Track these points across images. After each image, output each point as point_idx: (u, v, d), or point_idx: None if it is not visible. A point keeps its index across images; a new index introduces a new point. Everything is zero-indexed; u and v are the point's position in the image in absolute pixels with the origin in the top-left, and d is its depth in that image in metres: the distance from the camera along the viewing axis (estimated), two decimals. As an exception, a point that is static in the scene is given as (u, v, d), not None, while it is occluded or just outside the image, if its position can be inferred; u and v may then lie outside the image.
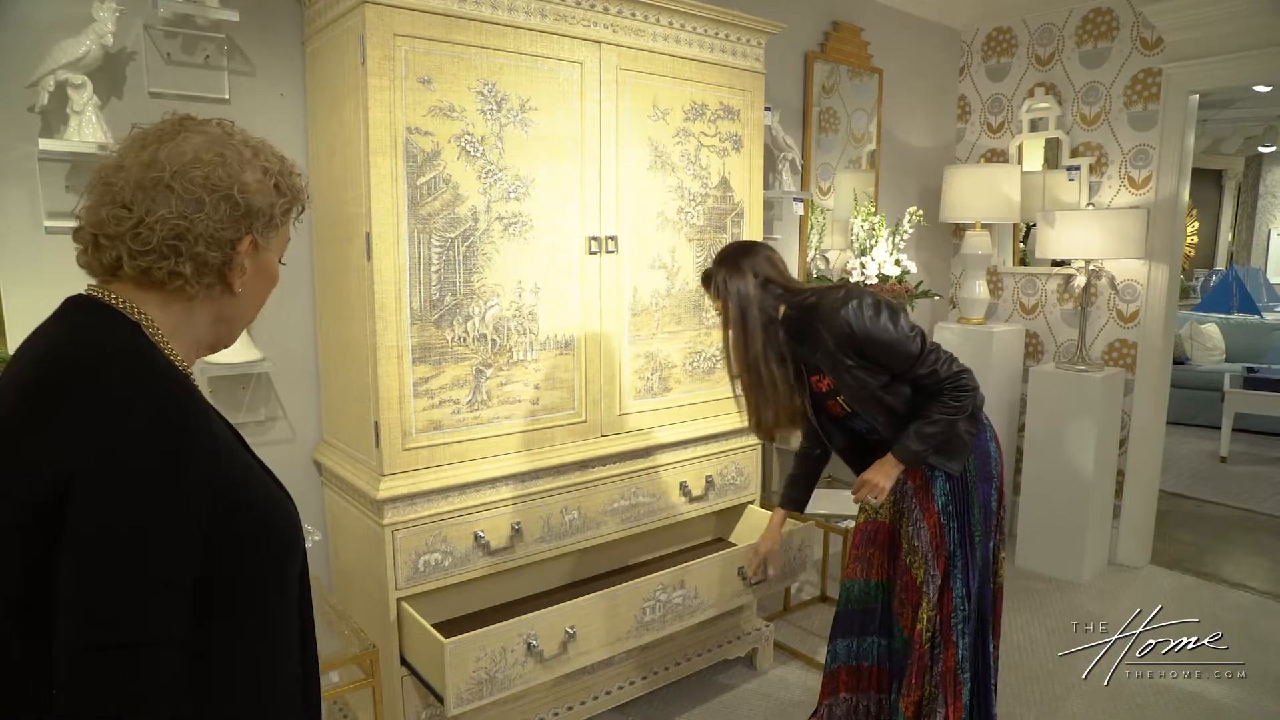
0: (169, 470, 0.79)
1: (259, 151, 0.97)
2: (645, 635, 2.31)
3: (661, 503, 2.58)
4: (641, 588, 2.28)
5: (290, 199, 0.99)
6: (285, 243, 1.02)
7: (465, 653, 1.96)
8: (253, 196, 0.93)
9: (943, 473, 2.04)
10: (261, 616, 0.94)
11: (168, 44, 2.07)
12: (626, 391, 2.48)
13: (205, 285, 0.92)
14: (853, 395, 1.99)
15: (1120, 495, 3.87)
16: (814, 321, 1.94)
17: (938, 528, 2.05)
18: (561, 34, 2.20)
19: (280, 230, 0.99)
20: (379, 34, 1.91)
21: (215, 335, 0.99)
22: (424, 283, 2.05)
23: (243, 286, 0.96)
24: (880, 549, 2.16)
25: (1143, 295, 3.73)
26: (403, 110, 1.97)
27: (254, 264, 0.96)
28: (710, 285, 2.04)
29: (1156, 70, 3.59)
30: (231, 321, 1.00)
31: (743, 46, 2.63)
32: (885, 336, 1.89)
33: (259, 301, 1.01)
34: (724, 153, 2.63)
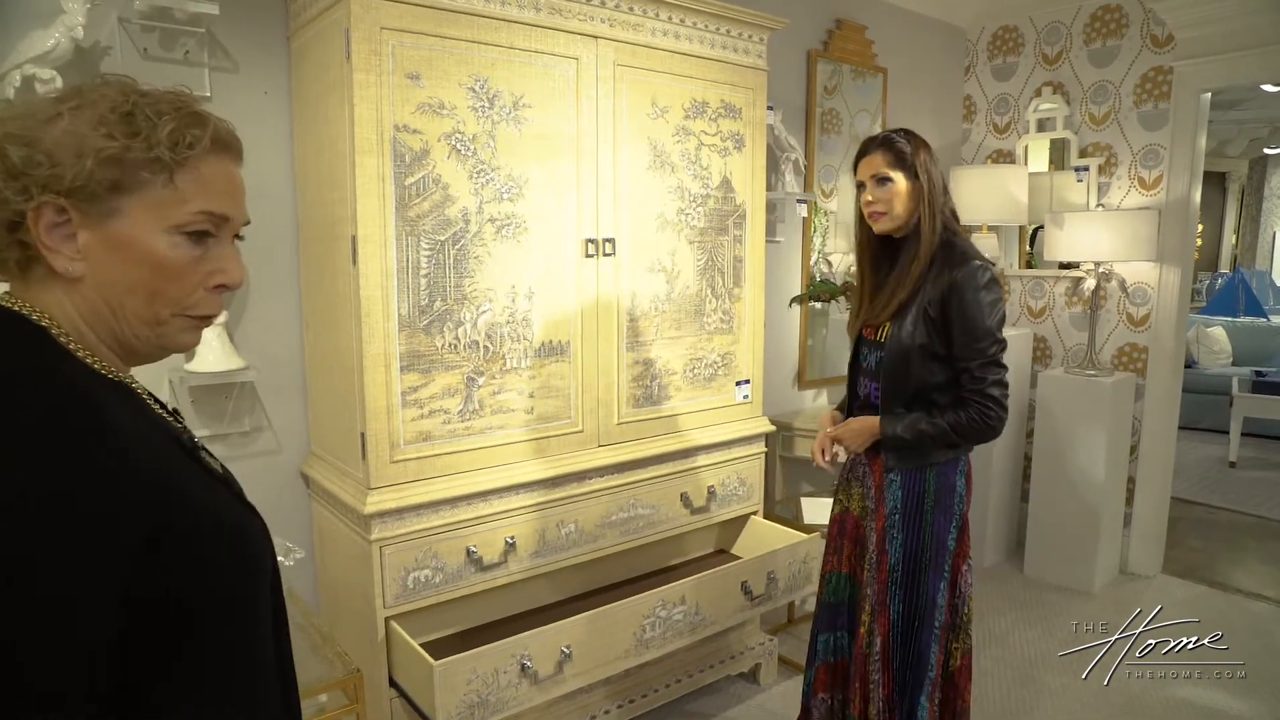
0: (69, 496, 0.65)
1: (101, 97, 0.75)
2: (645, 654, 2.22)
3: (661, 514, 2.49)
4: (640, 604, 2.19)
5: (146, 148, 0.74)
6: (184, 212, 0.77)
7: (456, 675, 1.87)
8: (45, 151, 0.72)
9: (900, 479, 1.94)
10: (229, 652, 0.80)
11: (144, 38, 1.99)
12: (625, 400, 2.39)
13: (12, 264, 0.76)
14: (895, 334, 1.90)
15: (1131, 503, 3.77)
16: (941, 254, 1.88)
17: (882, 534, 1.97)
18: (556, 28, 2.12)
19: (146, 192, 0.75)
20: (365, 27, 1.82)
21: (131, 336, 0.79)
22: (412, 287, 1.96)
23: (79, 266, 0.75)
24: (850, 540, 2.09)
25: (1154, 298, 3.64)
26: (390, 107, 1.88)
27: (97, 236, 0.75)
28: (892, 153, 1.90)
29: (1167, 68, 3.50)
30: (124, 319, 0.78)
31: (744, 43, 2.54)
32: (974, 311, 1.82)
33: (134, 286, 0.77)
34: (725, 152, 2.54)
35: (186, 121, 0.77)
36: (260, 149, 2.18)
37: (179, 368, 2.07)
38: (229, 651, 0.80)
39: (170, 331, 0.81)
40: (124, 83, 0.78)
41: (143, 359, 0.84)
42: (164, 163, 0.75)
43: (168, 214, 0.76)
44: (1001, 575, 3.80)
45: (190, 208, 0.77)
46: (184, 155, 0.76)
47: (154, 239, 0.76)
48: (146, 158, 0.74)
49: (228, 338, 2.11)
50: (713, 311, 2.56)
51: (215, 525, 0.78)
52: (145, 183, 0.75)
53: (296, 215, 2.24)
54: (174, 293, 0.79)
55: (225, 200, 0.80)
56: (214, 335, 2.07)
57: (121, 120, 0.74)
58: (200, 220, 0.78)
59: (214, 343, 2.06)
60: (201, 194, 0.78)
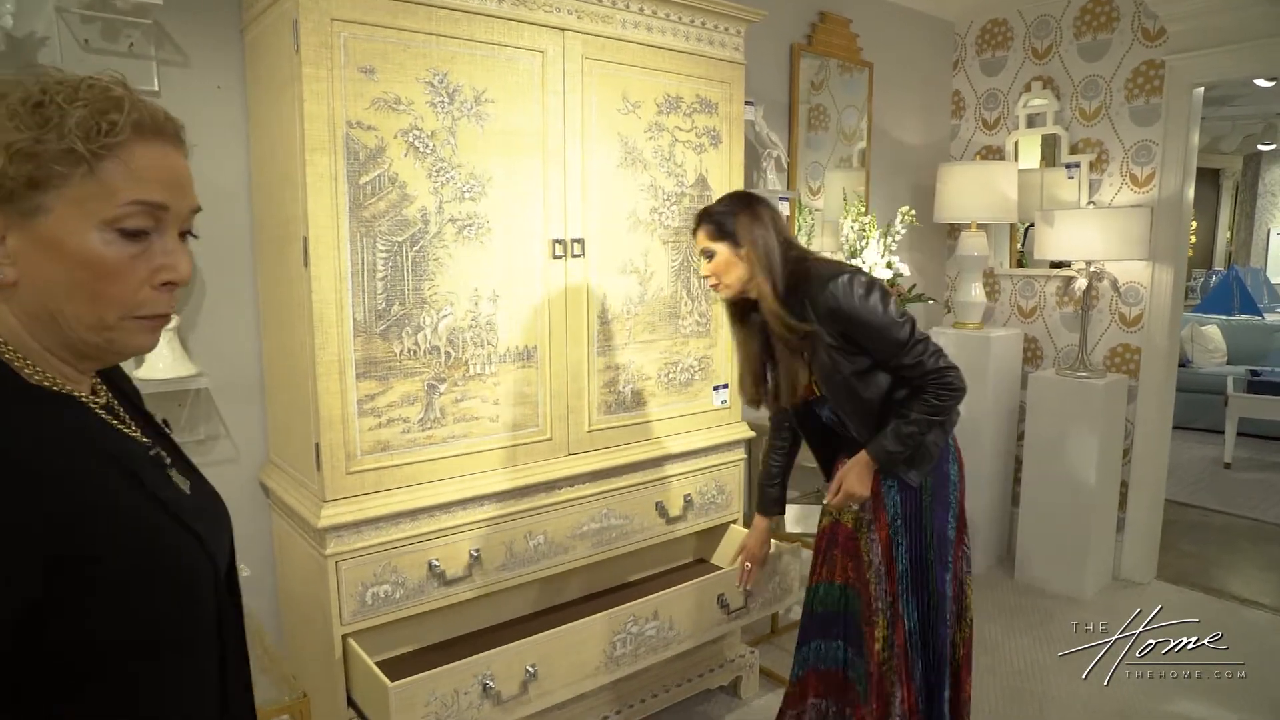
0: None
1: (12, 88, 0.71)
2: (616, 671, 2.14)
3: (636, 524, 2.41)
4: (610, 620, 2.10)
5: (57, 138, 0.69)
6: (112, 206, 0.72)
7: (413, 696, 1.79)
8: None
9: (897, 484, 1.92)
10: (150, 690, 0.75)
11: (85, 29, 1.89)
12: (596, 406, 2.30)
13: None
14: (824, 377, 1.88)
15: (1124, 507, 3.70)
16: (801, 290, 1.84)
17: (887, 543, 1.94)
18: (520, 20, 2.03)
19: (66, 188, 0.70)
20: (314, 18, 1.74)
21: (78, 341, 0.75)
22: (368, 291, 1.87)
23: (11, 272, 0.71)
24: (844, 553, 2.03)
25: (1146, 298, 3.56)
26: (342, 102, 1.79)
27: (24, 238, 0.71)
28: (713, 224, 1.87)
29: (1159, 62, 3.42)
30: (68, 325, 0.73)
31: (720, 35, 2.46)
32: (872, 317, 1.80)
33: (70, 288, 0.73)
34: (701, 149, 2.45)
35: (100, 108, 0.71)
36: (214, 146, 2.09)
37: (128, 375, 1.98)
38: (150, 689, 0.75)
39: (120, 336, 0.76)
40: (43, 72, 0.72)
41: (99, 364, 0.81)
42: (78, 154, 0.70)
43: (95, 209, 0.71)
44: (991, 581, 3.72)
45: (119, 200, 0.72)
46: (100, 144, 0.70)
47: (84, 237, 0.71)
48: (59, 149, 0.69)
49: (179, 343, 2.02)
50: (688, 314, 2.47)
51: (135, 560, 0.72)
52: (63, 176, 0.70)
53: (252, 215, 2.15)
54: (116, 293, 0.73)
55: (160, 189, 0.74)
56: (164, 341, 1.98)
57: (31, 111, 0.69)
58: (133, 213, 0.73)
59: (164, 349, 1.97)
60: (131, 185, 0.72)
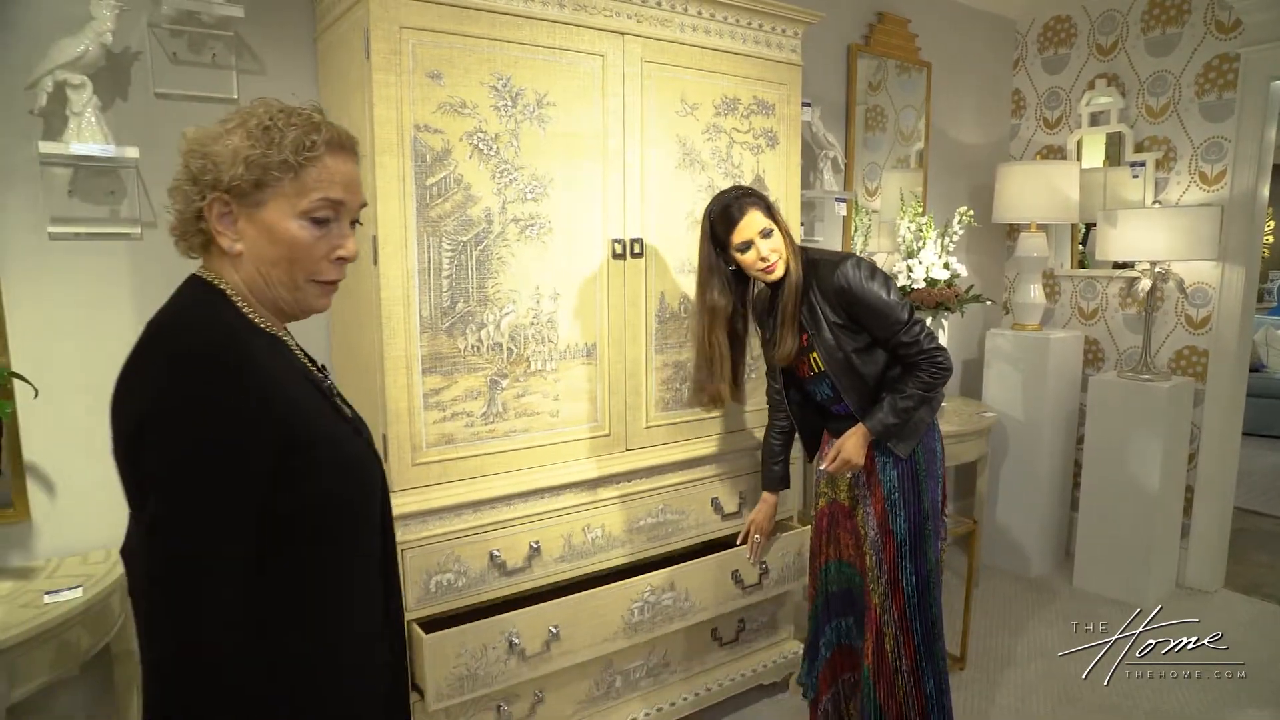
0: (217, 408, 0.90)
1: (252, 116, 0.99)
2: (635, 637, 2.27)
3: (691, 520, 2.44)
4: (629, 589, 2.23)
5: (277, 152, 0.97)
6: (308, 200, 0.99)
7: (445, 648, 1.95)
8: (211, 161, 0.97)
9: (891, 460, 2.05)
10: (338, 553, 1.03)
11: (173, 43, 2.01)
12: (654, 403, 2.34)
13: (195, 245, 1.02)
14: (828, 353, 2.01)
15: (1189, 513, 3.60)
16: (809, 273, 2.01)
17: (883, 516, 2.06)
18: (581, 25, 2.08)
19: (279, 187, 0.98)
20: (384, 26, 1.81)
21: (278, 299, 1.03)
22: (434, 288, 1.94)
23: (239, 245, 1.00)
24: (846, 531, 2.18)
25: (1215, 299, 3.46)
26: (410, 107, 1.86)
27: (250, 223, 0.99)
28: (764, 205, 2.00)
29: (1233, 55, 3.32)
30: (272, 285, 1.02)
31: (777, 37, 2.48)
32: (876, 299, 1.95)
33: (276, 259, 1.00)
34: (758, 150, 2.47)
35: (307, 130, 0.99)
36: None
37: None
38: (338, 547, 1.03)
39: (306, 296, 1.04)
40: (270, 103, 1.01)
41: (291, 317, 1.08)
42: (290, 163, 0.98)
43: (296, 203, 0.99)
44: (1050, 586, 3.66)
45: (312, 197, 0.99)
46: (304, 157, 0.98)
47: (288, 223, 0.99)
48: (279, 160, 0.97)
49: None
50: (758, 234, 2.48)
51: (333, 448, 1.02)
52: (278, 179, 0.98)
53: (324, 217, 2.24)
54: (305, 264, 1.01)
55: (339, 189, 1.02)
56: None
57: (262, 133, 0.97)
58: (321, 206, 1.00)
59: (241, 344, 2.07)
60: (320, 186, 1.00)
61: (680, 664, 2.48)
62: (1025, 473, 3.74)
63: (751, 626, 2.62)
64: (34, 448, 1.95)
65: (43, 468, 1.97)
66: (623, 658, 2.34)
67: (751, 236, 1.97)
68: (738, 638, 2.59)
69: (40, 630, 1.64)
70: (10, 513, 1.92)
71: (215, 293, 1.01)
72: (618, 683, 2.35)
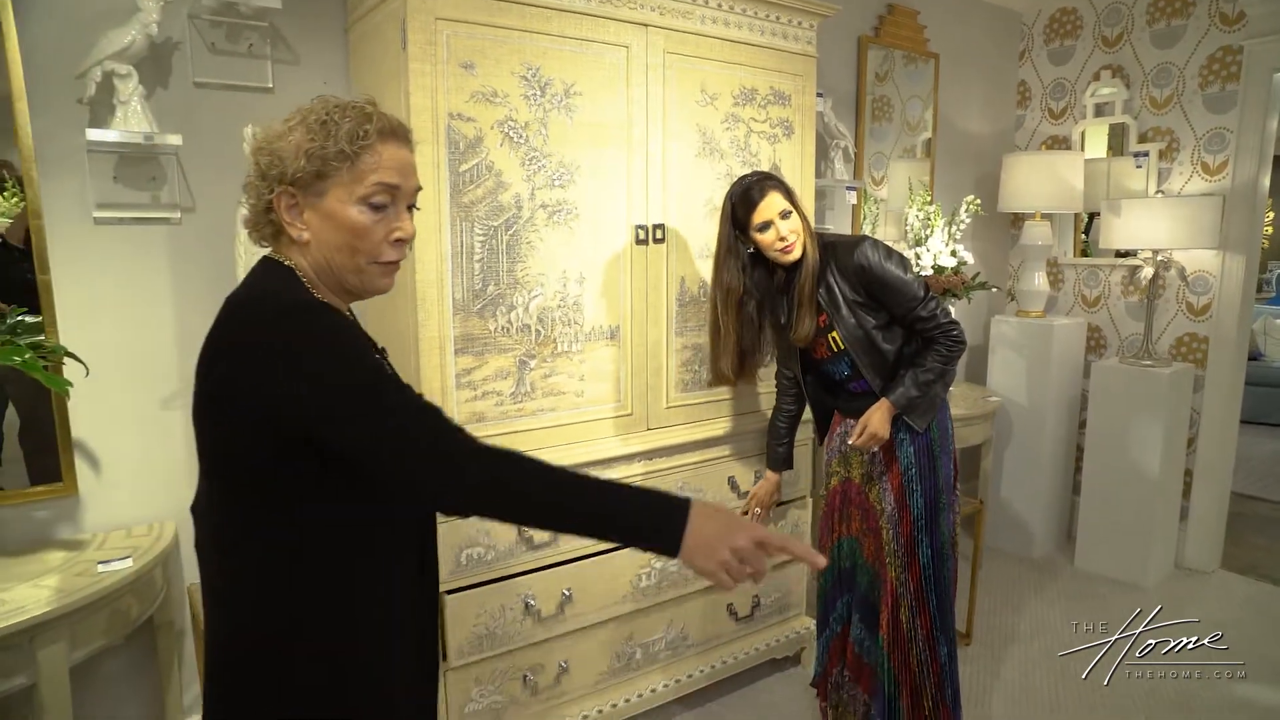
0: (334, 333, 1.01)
1: (311, 113, 1.05)
2: (642, 601, 2.41)
3: (709, 497, 2.50)
4: (637, 555, 2.31)
5: (334, 144, 1.03)
6: (364, 187, 1.04)
7: (465, 608, 2.07)
8: (277, 157, 1.04)
9: (909, 436, 2.13)
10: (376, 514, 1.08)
11: (212, 33, 2.07)
12: (674, 384, 2.42)
13: (266, 235, 1.10)
14: (848, 333, 2.09)
15: (1188, 496, 3.68)
16: (826, 255, 2.09)
17: (900, 491, 2.14)
18: (607, 17, 2.14)
19: (338, 176, 1.04)
20: (420, 18, 1.87)
21: (343, 282, 1.10)
22: (466, 272, 2.01)
23: (306, 233, 1.07)
24: (858, 508, 2.25)
25: (1215, 287, 3.54)
26: (444, 96, 1.93)
27: (314, 212, 1.06)
28: (784, 188, 2.07)
29: (1237, 48, 3.39)
30: (331, 268, 1.08)
31: (794, 29, 2.54)
32: (894, 277, 2.05)
33: (339, 244, 1.06)
34: (774, 139, 2.54)
35: (359, 120, 1.04)
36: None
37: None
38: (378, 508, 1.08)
39: (370, 277, 1.10)
40: (327, 100, 1.08)
41: (357, 297, 1.14)
42: (346, 153, 1.03)
43: (354, 190, 1.05)
44: (1052, 567, 3.75)
45: (369, 182, 1.05)
46: (359, 145, 1.03)
47: (348, 209, 1.05)
48: (335, 150, 1.03)
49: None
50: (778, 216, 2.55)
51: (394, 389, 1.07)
52: (336, 169, 1.04)
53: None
54: (366, 247, 1.07)
55: (394, 174, 1.07)
56: (277, 318, 2.15)
57: (320, 127, 1.03)
58: (377, 191, 1.06)
59: (277, 326, 2.14)
60: (376, 172, 1.05)
61: (698, 638, 2.56)
62: (1029, 457, 3.82)
63: (766, 603, 2.71)
64: (80, 425, 2.02)
65: (89, 444, 2.05)
66: (643, 631, 2.42)
67: (771, 217, 2.04)
68: (752, 614, 2.68)
69: (98, 596, 1.72)
70: (60, 487, 2.00)
71: (287, 270, 1.08)
72: (638, 655, 2.43)
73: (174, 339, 2.13)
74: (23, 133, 1.85)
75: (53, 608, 1.63)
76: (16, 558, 1.88)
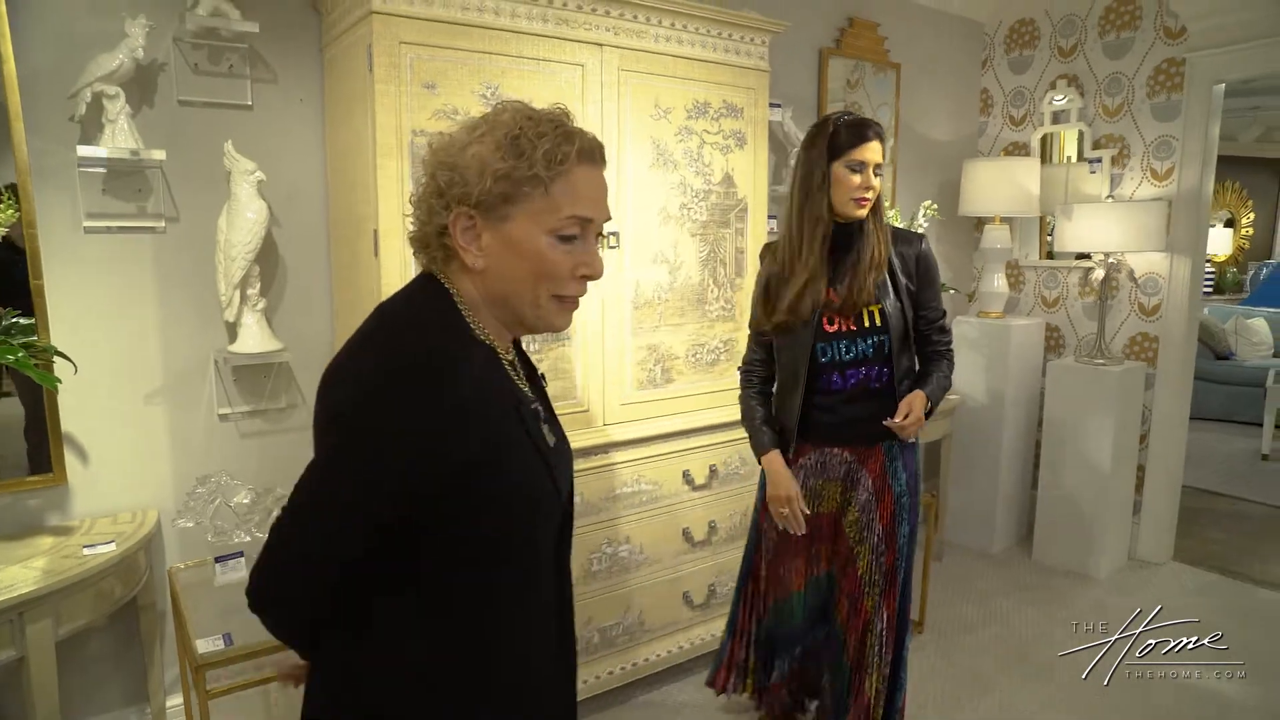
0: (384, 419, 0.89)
1: (499, 125, 0.95)
2: (593, 584, 2.53)
3: (665, 490, 2.66)
4: (588, 540, 2.47)
5: (527, 167, 0.93)
6: (557, 219, 0.95)
7: None
8: (459, 174, 0.95)
9: (901, 461, 2.08)
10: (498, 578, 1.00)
11: (195, 55, 2.22)
12: (629, 382, 2.56)
13: (436, 258, 1.00)
14: (894, 313, 2.00)
15: (1141, 490, 3.83)
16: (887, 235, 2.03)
17: (891, 520, 2.06)
18: (563, 38, 2.29)
19: (528, 202, 0.94)
20: (385, 42, 2.03)
21: (506, 314, 1.01)
22: (429, 277, 2.16)
23: (482, 261, 0.97)
24: (827, 542, 2.13)
25: (1164, 288, 3.69)
26: (408, 114, 2.08)
27: (495, 237, 0.96)
28: (883, 141, 1.99)
29: (1180, 60, 3.54)
30: (505, 300, 0.99)
31: (746, 45, 2.69)
32: (937, 279, 2.12)
33: (521, 276, 0.97)
34: (727, 150, 2.69)
35: (558, 140, 0.95)
36: (295, 151, 2.41)
37: (224, 349, 2.32)
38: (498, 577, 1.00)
39: (545, 314, 1.00)
40: (517, 109, 0.98)
41: (523, 332, 1.06)
42: (541, 178, 0.94)
43: (545, 220, 0.96)
44: (1010, 560, 3.89)
45: (562, 214, 0.96)
46: (556, 171, 0.95)
47: (537, 240, 0.96)
48: (528, 174, 0.94)
49: (266, 323, 2.34)
50: (715, 300, 2.72)
51: (511, 480, 0.97)
52: (527, 195, 0.95)
53: (328, 211, 2.47)
54: (549, 280, 0.98)
55: (590, 205, 0.99)
56: (254, 320, 2.30)
57: (511, 144, 0.94)
58: (570, 225, 0.97)
59: (254, 327, 2.30)
60: (571, 202, 0.96)
61: (655, 623, 2.71)
62: (990, 454, 3.97)
63: (720, 592, 2.85)
64: (70, 419, 2.17)
65: (77, 437, 2.20)
66: (601, 615, 2.57)
67: (871, 160, 1.93)
68: (707, 601, 2.82)
69: (83, 577, 1.87)
70: (50, 477, 2.15)
71: (447, 297, 0.99)
72: (595, 639, 2.58)
73: (158, 340, 2.28)
74: (19, 149, 2.00)
75: (39, 586, 1.79)
76: (9, 542, 2.03)
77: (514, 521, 0.99)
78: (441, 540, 0.94)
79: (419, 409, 0.88)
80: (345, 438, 0.91)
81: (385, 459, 0.89)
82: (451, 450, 0.90)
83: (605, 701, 2.65)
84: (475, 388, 0.93)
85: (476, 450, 0.92)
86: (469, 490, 0.93)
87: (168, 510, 2.29)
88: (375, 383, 0.90)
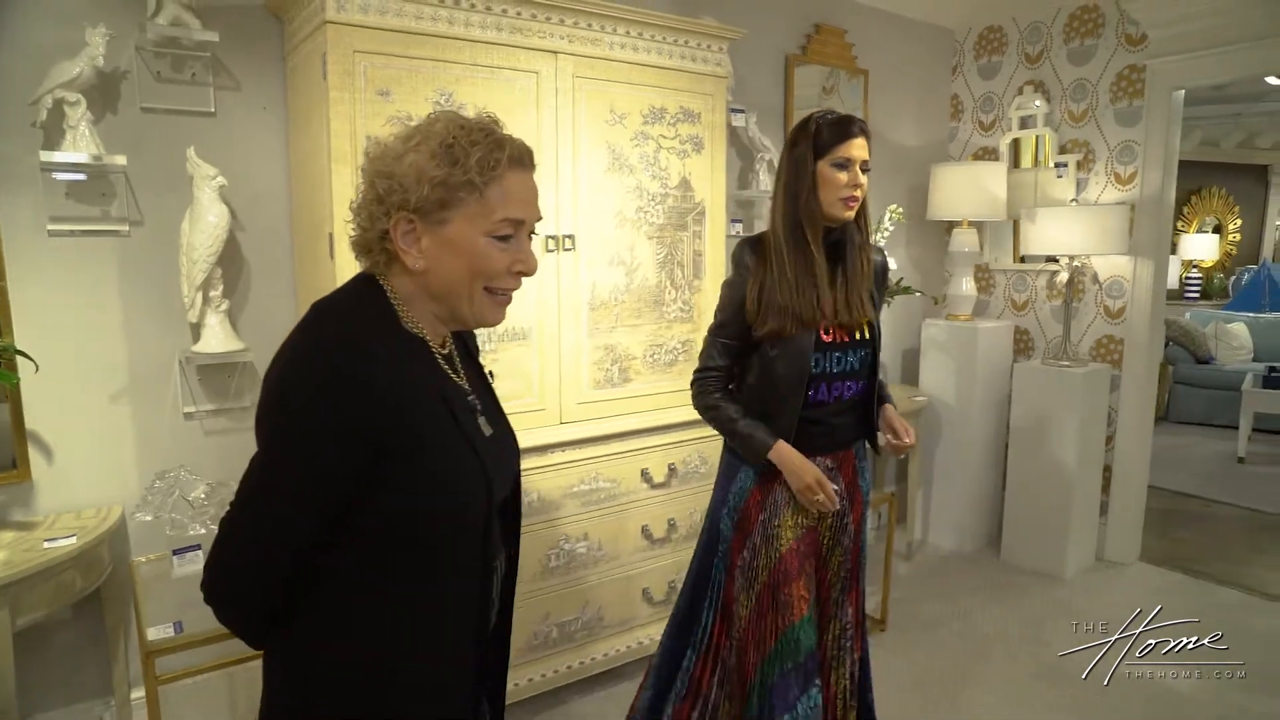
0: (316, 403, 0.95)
1: (433, 135, 1.01)
2: (551, 579, 2.58)
3: (623, 488, 2.71)
4: (545, 537, 2.52)
5: (462, 173, 0.99)
6: (491, 222, 1.01)
7: None
8: (397, 182, 1.00)
9: (868, 465, 2.09)
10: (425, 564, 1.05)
11: (157, 63, 2.29)
12: (586, 382, 2.62)
13: (379, 261, 1.06)
14: (876, 323, 1.94)
15: (1108, 491, 3.87)
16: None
17: (860, 519, 2.03)
18: (517, 45, 2.35)
19: (464, 207, 1.00)
20: (339, 50, 2.09)
21: (443, 310, 1.07)
22: (384, 279, 2.22)
23: (422, 262, 1.02)
24: (814, 557, 1.97)
25: (1129, 291, 3.74)
26: (362, 121, 2.14)
27: (434, 240, 1.01)
28: (869, 139, 1.86)
29: (1141, 66, 3.59)
30: (443, 297, 1.05)
31: (702, 52, 2.75)
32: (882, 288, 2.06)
33: (459, 275, 1.03)
34: (684, 154, 2.75)
35: (490, 148, 1.01)
36: (259, 156, 2.47)
37: (188, 350, 2.37)
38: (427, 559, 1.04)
39: (482, 307, 1.07)
40: (449, 119, 1.04)
41: (459, 326, 1.12)
42: (475, 184, 1.00)
43: (481, 222, 1.02)
44: (979, 560, 3.93)
45: (496, 216, 1.03)
46: (489, 176, 1.01)
47: (474, 241, 1.02)
48: (464, 180, 1.00)
49: (229, 323, 2.40)
50: (672, 301, 2.77)
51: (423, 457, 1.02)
52: (463, 200, 1.01)
53: (291, 215, 2.53)
54: (485, 275, 1.04)
55: (522, 207, 1.06)
56: (217, 320, 2.36)
57: (445, 152, 1.00)
58: (504, 226, 1.04)
59: (217, 327, 2.36)
60: (504, 205, 1.03)
61: (614, 620, 2.76)
62: (960, 455, 4.01)
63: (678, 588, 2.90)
64: (34, 417, 2.23)
65: (42, 435, 2.26)
66: (559, 611, 2.62)
67: (858, 157, 1.81)
68: (667, 598, 2.87)
69: (41, 569, 1.93)
70: (14, 474, 2.21)
71: (377, 290, 1.06)
72: (554, 634, 2.63)
73: (122, 340, 2.34)
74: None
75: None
76: (-26, 536, 2.09)
77: (434, 505, 1.03)
78: (366, 523, 1.00)
79: (333, 392, 0.95)
80: (271, 427, 0.99)
81: (310, 443, 0.96)
82: (363, 430, 0.96)
83: (564, 695, 2.69)
84: (388, 371, 0.98)
85: (391, 433, 0.97)
86: (386, 471, 0.98)
87: (132, 506, 2.35)
88: (295, 371, 0.98)
